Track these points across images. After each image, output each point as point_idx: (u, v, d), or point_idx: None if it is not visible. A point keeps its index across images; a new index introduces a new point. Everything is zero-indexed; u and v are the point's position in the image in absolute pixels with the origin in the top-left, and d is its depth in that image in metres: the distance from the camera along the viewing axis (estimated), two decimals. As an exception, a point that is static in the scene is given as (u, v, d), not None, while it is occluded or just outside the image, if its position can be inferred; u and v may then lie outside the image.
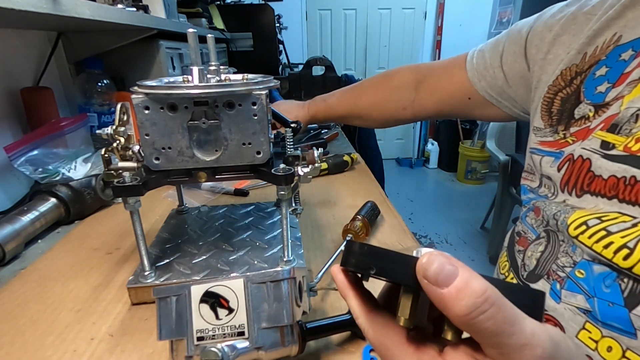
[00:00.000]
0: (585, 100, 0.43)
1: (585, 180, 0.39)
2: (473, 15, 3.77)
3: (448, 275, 0.18)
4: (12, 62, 0.81)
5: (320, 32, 3.85)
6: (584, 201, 0.40)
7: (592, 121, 0.42)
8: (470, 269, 0.19)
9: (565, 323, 0.38)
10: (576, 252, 0.40)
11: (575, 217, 0.39)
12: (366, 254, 0.21)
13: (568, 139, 0.44)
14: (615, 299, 0.35)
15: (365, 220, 0.58)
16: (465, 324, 0.18)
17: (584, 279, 0.38)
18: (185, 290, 0.32)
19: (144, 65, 1.05)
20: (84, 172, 0.75)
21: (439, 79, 0.71)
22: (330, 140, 1.20)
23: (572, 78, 0.46)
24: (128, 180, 0.40)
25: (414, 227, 2.72)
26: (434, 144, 3.99)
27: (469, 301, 0.18)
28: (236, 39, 2.04)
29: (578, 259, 0.39)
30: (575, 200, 0.41)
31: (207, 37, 0.47)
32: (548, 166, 0.45)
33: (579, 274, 0.39)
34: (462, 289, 0.18)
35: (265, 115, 0.41)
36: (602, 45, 0.43)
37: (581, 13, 0.47)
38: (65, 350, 0.39)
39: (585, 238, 0.37)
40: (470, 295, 0.18)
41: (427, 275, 0.19)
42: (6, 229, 0.56)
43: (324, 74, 1.53)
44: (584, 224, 0.38)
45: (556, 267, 0.42)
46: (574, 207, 0.40)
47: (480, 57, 0.64)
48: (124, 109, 0.44)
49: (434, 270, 0.19)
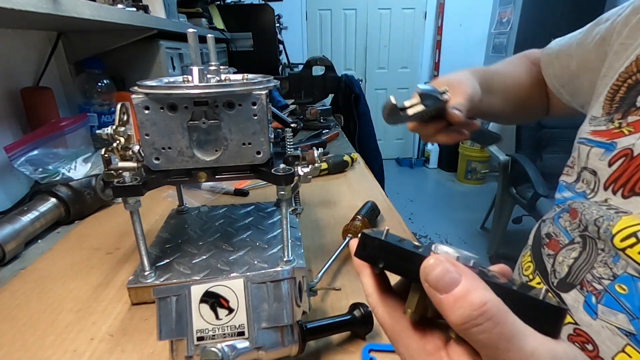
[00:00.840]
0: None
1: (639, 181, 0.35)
2: (473, 15, 3.77)
3: (449, 282, 0.19)
4: (12, 62, 0.81)
5: (320, 32, 3.85)
6: (631, 203, 0.36)
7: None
8: (477, 278, 0.19)
9: (600, 342, 0.35)
10: (618, 264, 0.36)
11: (623, 226, 0.35)
12: (377, 247, 0.22)
13: (623, 129, 0.39)
14: None
15: (365, 220, 0.58)
16: (460, 332, 0.19)
17: (627, 296, 0.34)
18: (185, 290, 0.32)
19: (144, 65, 1.05)
20: (84, 172, 0.75)
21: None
22: (330, 140, 1.20)
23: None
24: (128, 180, 0.40)
25: (414, 227, 2.72)
26: (434, 144, 3.99)
27: (464, 312, 0.18)
28: (236, 39, 2.04)
29: (619, 272, 0.35)
30: (619, 201, 0.37)
31: (207, 37, 0.47)
32: (597, 159, 0.41)
33: (620, 289, 0.35)
34: (459, 298, 0.18)
35: (265, 115, 0.41)
36: None
37: None
38: (65, 350, 0.39)
39: (635, 253, 0.34)
40: (466, 307, 0.18)
41: (428, 280, 0.19)
42: (6, 229, 0.56)
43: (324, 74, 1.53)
44: (634, 236, 0.34)
45: (591, 277, 0.38)
46: (618, 211, 0.37)
47: (555, 44, 0.59)
48: (124, 109, 0.44)
49: (435, 275, 0.19)
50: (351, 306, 0.40)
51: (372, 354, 0.38)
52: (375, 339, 0.40)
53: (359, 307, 0.39)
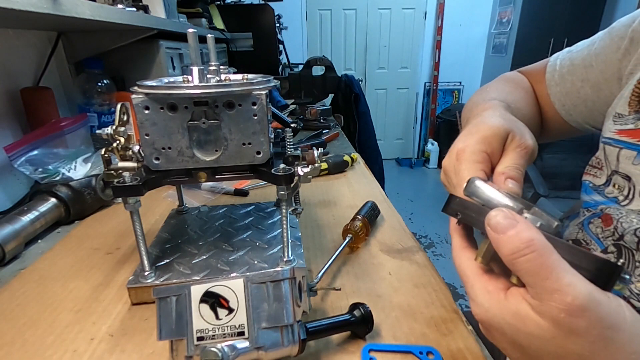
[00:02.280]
0: None
1: None
2: (473, 15, 3.77)
3: (506, 226, 0.23)
4: (12, 62, 0.81)
5: (320, 32, 3.85)
6: None
7: None
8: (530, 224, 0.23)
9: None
10: None
11: None
12: (457, 204, 0.29)
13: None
14: None
15: (365, 220, 0.58)
16: (509, 262, 0.23)
17: None
18: (185, 290, 0.32)
19: (144, 65, 1.05)
20: (84, 172, 0.75)
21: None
22: (330, 140, 1.20)
23: None
24: (128, 180, 0.40)
25: (414, 227, 2.72)
26: (434, 144, 3.99)
27: (513, 245, 0.23)
28: (236, 39, 2.04)
29: None
30: None
31: (207, 37, 0.47)
32: (629, 162, 0.38)
33: None
34: (512, 236, 0.23)
35: (265, 115, 0.41)
36: None
37: None
38: (65, 350, 0.39)
39: None
40: (516, 241, 0.23)
41: (490, 224, 0.24)
42: (6, 229, 0.56)
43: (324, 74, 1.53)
44: None
45: (629, 292, 0.36)
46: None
47: (562, 59, 0.54)
48: (124, 109, 0.44)
49: (496, 220, 0.24)
50: (351, 306, 0.40)
51: (372, 354, 0.38)
52: (375, 339, 0.40)
53: (359, 307, 0.39)
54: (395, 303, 0.45)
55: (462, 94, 4.11)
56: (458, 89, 4.09)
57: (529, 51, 3.42)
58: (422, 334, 0.40)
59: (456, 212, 0.28)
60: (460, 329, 0.41)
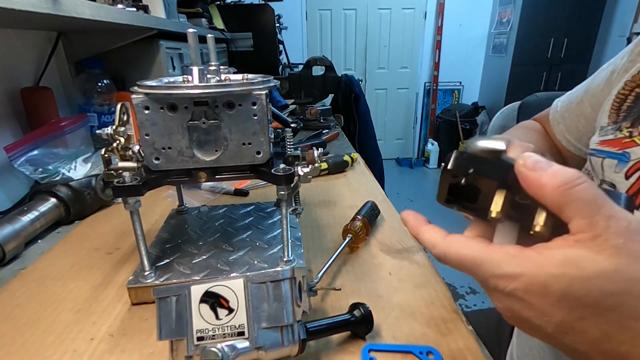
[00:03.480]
0: None
1: None
2: (473, 15, 3.77)
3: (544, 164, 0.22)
4: (12, 62, 0.81)
5: (320, 32, 3.85)
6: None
7: None
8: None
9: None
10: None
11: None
12: (467, 159, 0.25)
13: (635, 138, 0.38)
14: None
15: (365, 220, 0.58)
16: (559, 194, 0.21)
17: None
18: (185, 290, 0.32)
19: (144, 65, 1.05)
20: (84, 172, 0.75)
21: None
22: (330, 140, 1.20)
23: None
24: (128, 180, 0.40)
25: (414, 227, 2.72)
26: (434, 144, 3.99)
27: (565, 175, 0.22)
28: (236, 39, 2.04)
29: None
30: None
31: (207, 37, 0.47)
32: (612, 171, 0.39)
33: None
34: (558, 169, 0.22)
35: (265, 115, 0.41)
36: None
37: None
38: (65, 350, 0.39)
39: None
40: (566, 172, 0.22)
41: (527, 163, 0.23)
42: (6, 229, 0.56)
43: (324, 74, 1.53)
44: None
45: None
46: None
47: (560, 101, 0.59)
48: (124, 109, 0.44)
49: (533, 160, 0.22)
50: (351, 306, 0.40)
51: (372, 354, 0.38)
52: (375, 339, 0.40)
53: (359, 307, 0.39)
54: (395, 303, 0.45)
55: (462, 94, 4.11)
56: (458, 89, 4.09)
57: (529, 51, 3.42)
58: (422, 334, 0.40)
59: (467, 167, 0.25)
60: (460, 329, 0.41)
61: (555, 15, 3.27)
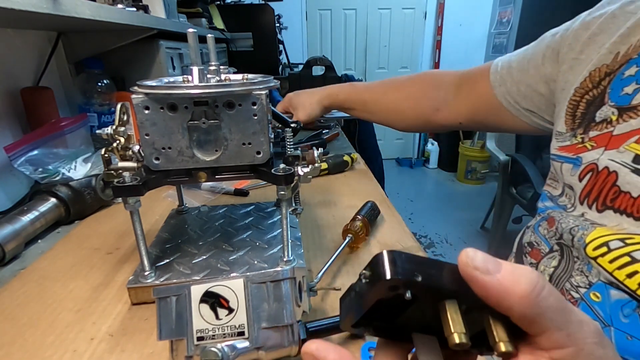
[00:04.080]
0: (609, 102, 0.39)
1: (608, 195, 0.36)
2: (473, 15, 3.77)
3: (495, 263, 0.17)
4: (12, 62, 0.81)
5: (320, 32, 3.84)
6: (605, 217, 0.36)
7: (615, 126, 0.38)
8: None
9: None
10: (592, 272, 0.37)
11: (596, 236, 0.36)
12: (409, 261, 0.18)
13: (586, 144, 0.40)
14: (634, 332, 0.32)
15: (365, 220, 0.58)
16: (530, 304, 0.16)
17: (600, 304, 0.35)
18: (185, 290, 0.32)
19: (144, 65, 1.05)
20: (84, 172, 0.75)
21: (473, 83, 0.65)
22: (330, 140, 1.20)
23: (601, 79, 0.41)
24: (128, 180, 0.40)
25: (414, 227, 2.72)
26: (434, 144, 3.99)
27: (528, 278, 0.17)
28: (236, 39, 2.03)
29: (594, 280, 0.36)
30: (595, 215, 0.38)
31: (207, 37, 0.47)
32: (569, 174, 0.42)
33: (594, 297, 0.36)
34: (514, 270, 0.17)
35: (265, 115, 0.41)
36: (636, 43, 0.39)
37: (622, 12, 0.42)
38: (65, 350, 0.39)
39: (605, 262, 0.34)
40: (526, 274, 0.17)
41: (477, 263, 0.17)
42: (6, 229, 0.56)
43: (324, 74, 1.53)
44: (605, 245, 0.35)
45: (570, 286, 0.39)
46: (594, 223, 0.37)
47: (506, 62, 0.59)
48: (124, 109, 0.44)
49: (482, 258, 0.17)
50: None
51: (372, 352, 0.38)
52: (374, 338, 0.40)
53: (359, 307, 0.39)
54: (395, 303, 0.45)
55: (462, 94, 4.10)
56: (458, 89, 4.09)
57: (529, 51, 3.41)
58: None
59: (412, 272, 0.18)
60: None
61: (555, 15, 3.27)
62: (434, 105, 0.70)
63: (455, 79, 0.69)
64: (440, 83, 0.70)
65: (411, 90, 0.73)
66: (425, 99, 0.71)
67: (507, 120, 0.60)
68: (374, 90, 0.76)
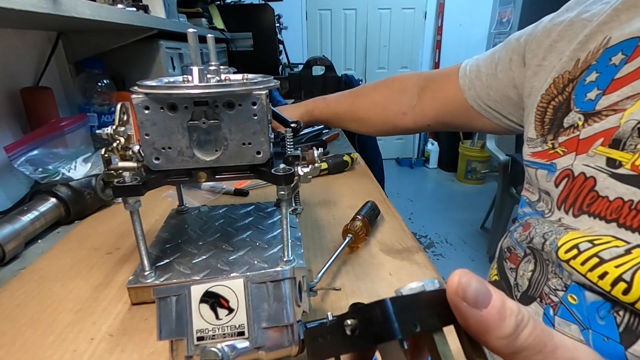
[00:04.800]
0: (574, 108, 0.41)
1: (585, 200, 0.37)
2: (473, 15, 3.77)
3: (485, 295, 0.17)
4: (12, 62, 0.81)
5: (320, 32, 3.85)
6: (580, 222, 0.37)
7: (580, 130, 0.39)
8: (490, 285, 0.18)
9: None
10: (564, 274, 0.37)
11: (567, 239, 0.37)
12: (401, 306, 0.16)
13: (557, 150, 0.41)
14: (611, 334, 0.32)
15: (365, 220, 0.58)
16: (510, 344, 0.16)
17: (577, 306, 0.36)
18: (185, 290, 0.32)
19: (144, 65, 1.05)
20: (84, 172, 0.75)
21: (439, 85, 0.67)
22: (330, 140, 1.20)
23: (565, 85, 0.43)
24: (128, 180, 0.40)
25: (414, 227, 2.72)
26: (434, 144, 3.99)
27: (511, 320, 0.16)
28: (236, 39, 2.04)
29: (568, 282, 0.37)
30: (571, 220, 0.38)
31: (207, 37, 0.47)
32: (544, 180, 0.42)
33: (571, 299, 0.36)
34: (501, 308, 0.16)
35: (265, 115, 0.41)
36: (593, 49, 0.41)
37: (579, 19, 0.44)
38: (65, 350, 0.39)
39: (577, 264, 0.35)
40: (510, 314, 0.16)
41: (468, 297, 0.16)
42: (6, 229, 0.56)
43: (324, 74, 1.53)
44: (575, 248, 0.35)
45: (548, 289, 0.39)
46: (568, 228, 0.38)
47: (474, 65, 0.61)
48: (124, 109, 0.44)
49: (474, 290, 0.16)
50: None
51: (372, 354, 0.38)
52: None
53: (359, 307, 0.39)
54: (395, 303, 0.45)
55: (462, 94, 4.10)
56: (458, 89, 4.09)
57: (529, 51, 3.42)
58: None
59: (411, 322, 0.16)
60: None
61: (555, 15, 3.27)
62: (400, 109, 0.73)
63: (419, 82, 0.71)
64: (405, 87, 0.73)
65: (376, 97, 0.76)
66: (391, 104, 0.74)
67: (477, 121, 0.62)
68: (343, 102, 0.80)
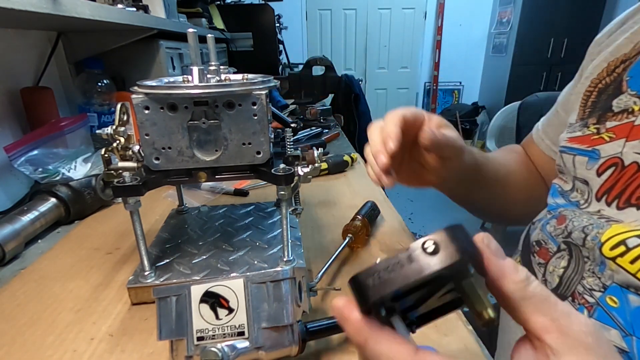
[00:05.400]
0: (629, 91, 0.36)
1: (636, 192, 0.33)
2: (473, 15, 3.78)
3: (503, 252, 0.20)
4: (12, 62, 0.81)
5: (320, 32, 3.85)
6: (624, 214, 0.34)
7: (637, 116, 0.35)
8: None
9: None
10: (604, 273, 0.34)
11: (612, 234, 0.33)
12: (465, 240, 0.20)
13: (603, 135, 0.37)
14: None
15: (365, 220, 0.58)
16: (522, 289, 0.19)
17: (618, 310, 0.32)
18: (185, 290, 0.32)
19: (144, 65, 1.05)
20: (84, 172, 0.75)
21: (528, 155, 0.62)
22: (330, 140, 1.20)
23: (616, 67, 0.39)
24: (128, 180, 0.40)
25: (414, 227, 2.72)
26: (434, 144, 3.98)
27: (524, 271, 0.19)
28: (236, 39, 2.04)
29: (608, 282, 0.34)
30: (613, 212, 0.35)
31: (207, 37, 0.47)
32: (584, 168, 0.39)
33: (611, 302, 0.33)
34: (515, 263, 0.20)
35: (265, 115, 0.41)
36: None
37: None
38: (65, 350, 0.39)
39: (626, 262, 0.31)
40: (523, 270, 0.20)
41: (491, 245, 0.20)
42: (6, 229, 0.56)
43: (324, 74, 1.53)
44: (623, 244, 0.32)
45: (582, 289, 0.36)
46: (610, 220, 0.35)
47: (545, 118, 0.58)
48: (124, 109, 0.44)
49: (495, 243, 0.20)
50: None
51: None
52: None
53: (359, 307, 0.39)
54: (395, 303, 0.45)
55: (462, 93, 4.11)
56: (458, 89, 4.09)
57: (529, 51, 3.42)
58: (422, 334, 0.40)
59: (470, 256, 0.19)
60: (460, 329, 0.41)
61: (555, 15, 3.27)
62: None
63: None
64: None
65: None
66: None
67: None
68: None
